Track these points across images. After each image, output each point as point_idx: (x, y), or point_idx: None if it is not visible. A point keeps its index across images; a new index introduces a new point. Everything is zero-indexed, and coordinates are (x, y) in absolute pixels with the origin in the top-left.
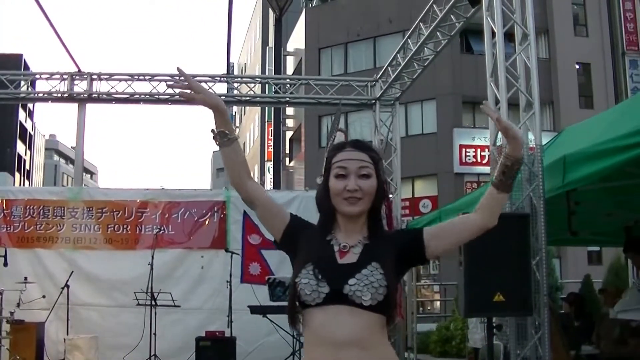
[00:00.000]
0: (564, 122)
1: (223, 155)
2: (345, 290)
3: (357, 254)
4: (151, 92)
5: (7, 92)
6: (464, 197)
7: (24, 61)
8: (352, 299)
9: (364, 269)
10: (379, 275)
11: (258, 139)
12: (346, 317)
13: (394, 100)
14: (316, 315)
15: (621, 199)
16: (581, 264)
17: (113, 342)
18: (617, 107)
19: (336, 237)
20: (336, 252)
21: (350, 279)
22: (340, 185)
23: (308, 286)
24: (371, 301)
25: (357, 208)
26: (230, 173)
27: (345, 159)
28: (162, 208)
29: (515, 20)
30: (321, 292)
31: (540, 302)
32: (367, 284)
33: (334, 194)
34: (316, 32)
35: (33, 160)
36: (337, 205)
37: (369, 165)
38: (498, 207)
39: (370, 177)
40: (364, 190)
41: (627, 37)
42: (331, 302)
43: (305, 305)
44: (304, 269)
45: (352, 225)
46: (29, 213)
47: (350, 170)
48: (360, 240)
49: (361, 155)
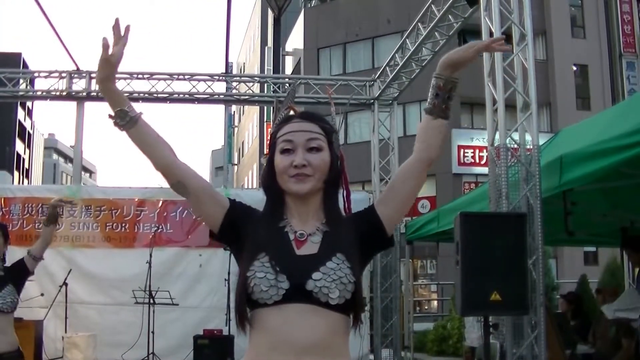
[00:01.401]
0: (561, 124)
1: (132, 139)
2: (308, 286)
3: (317, 243)
4: (150, 91)
5: (5, 91)
6: (462, 197)
7: (23, 60)
8: (316, 296)
9: (329, 261)
10: (347, 269)
11: (257, 138)
12: (309, 318)
13: (392, 100)
14: (272, 315)
15: (617, 199)
16: (577, 264)
17: (111, 340)
18: (613, 108)
19: (290, 224)
20: (292, 240)
21: (313, 272)
22: (286, 162)
23: (265, 281)
24: (338, 299)
25: (307, 186)
26: (150, 156)
27: (291, 131)
28: (160, 206)
29: (513, 20)
30: (280, 287)
31: (537, 301)
32: (334, 279)
33: (279, 172)
34: (315, 32)
35: (32, 159)
36: (284, 184)
37: (320, 137)
38: (435, 136)
39: (322, 150)
40: (313, 166)
41: (625, 39)
42: (291, 300)
43: (257, 304)
44: (256, 260)
45: (304, 209)
46: (28, 211)
47: (297, 144)
48: (318, 227)
49: (310, 126)
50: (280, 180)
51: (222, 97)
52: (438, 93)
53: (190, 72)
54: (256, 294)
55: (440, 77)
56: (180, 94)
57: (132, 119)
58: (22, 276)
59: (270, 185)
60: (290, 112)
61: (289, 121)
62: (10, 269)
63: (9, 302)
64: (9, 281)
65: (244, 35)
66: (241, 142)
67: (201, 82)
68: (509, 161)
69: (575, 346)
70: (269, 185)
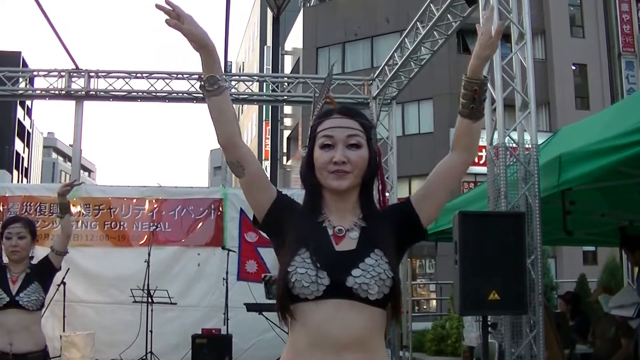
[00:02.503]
0: (560, 123)
1: (212, 107)
2: (349, 282)
3: (355, 239)
4: (149, 90)
5: (4, 89)
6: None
7: (22, 59)
8: (356, 292)
9: (368, 257)
10: (385, 265)
11: (255, 137)
12: (349, 314)
13: (391, 99)
14: (312, 311)
15: (616, 199)
16: (576, 264)
17: (109, 339)
18: (612, 107)
19: (329, 219)
20: (331, 236)
21: (353, 269)
22: (326, 157)
23: (306, 277)
24: (377, 295)
25: (345, 182)
26: (219, 128)
27: (331, 126)
28: (159, 205)
29: (511, 19)
30: (321, 284)
31: (535, 300)
32: (373, 275)
33: (319, 167)
34: (314, 32)
35: (31, 158)
36: (323, 180)
37: (359, 133)
38: (477, 137)
39: (361, 147)
40: (352, 162)
41: (624, 38)
42: (331, 296)
43: (298, 299)
44: (297, 255)
45: (342, 204)
46: (26, 210)
47: (337, 140)
48: (356, 222)
49: (350, 123)
50: (320, 175)
51: None
52: (475, 97)
53: (189, 71)
54: (297, 289)
55: (475, 82)
56: (179, 92)
57: (220, 87)
58: (48, 273)
59: (309, 179)
60: (327, 104)
61: (329, 116)
62: (36, 266)
63: (33, 300)
64: (34, 279)
65: (243, 35)
66: None
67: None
68: (508, 160)
69: (574, 346)
70: (307, 179)
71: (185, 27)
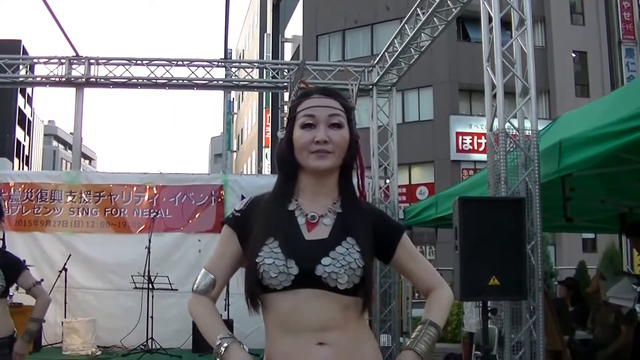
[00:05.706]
0: (560, 111)
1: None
2: (317, 271)
3: (329, 226)
4: (149, 77)
5: (5, 77)
6: (460, 183)
7: (22, 47)
8: (325, 281)
9: (339, 245)
10: (356, 254)
11: (256, 125)
12: (319, 302)
13: (391, 86)
14: (282, 300)
15: (615, 185)
16: (576, 251)
17: (110, 325)
18: (612, 94)
19: (300, 207)
20: (302, 225)
21: (323, 257)
22: (307, 137)
23: (273, 267)
24: (347, 284)
25: (327, 162)
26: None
27: (313, 105)
28: (159, 192)
29: (512, 5)
30: (289, 273)
31: (535, 286)
32: (343, 264)
33: (299, 147)
34: (314, 19)
35: (32, 146)
36: (304, 160)
37: (341, 113)
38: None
39: (343, 127)
40: (335, 142)
41: (624, 25)
42: (300, 286)
43: (267, 289)
44: (265, 245)
45: (319, 188)
46: (27, 197)
47: (319, 119)
48: (331, 208)
49: (331, 102)
50: (300, 155)
51: (221, 82)
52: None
53: (190, 58)
54: (266, 279)
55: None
56: (179, 79)
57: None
58: (13, 271)
59: (287, 160)
60: (302, 89)
61: (309, 96)
62: (5, 258)
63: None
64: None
65: (243, 22)
66: (240, 129)
67: (200, 67)
68: (508, 146)
69: (573, 332)
70: (285, 160)
71: None
